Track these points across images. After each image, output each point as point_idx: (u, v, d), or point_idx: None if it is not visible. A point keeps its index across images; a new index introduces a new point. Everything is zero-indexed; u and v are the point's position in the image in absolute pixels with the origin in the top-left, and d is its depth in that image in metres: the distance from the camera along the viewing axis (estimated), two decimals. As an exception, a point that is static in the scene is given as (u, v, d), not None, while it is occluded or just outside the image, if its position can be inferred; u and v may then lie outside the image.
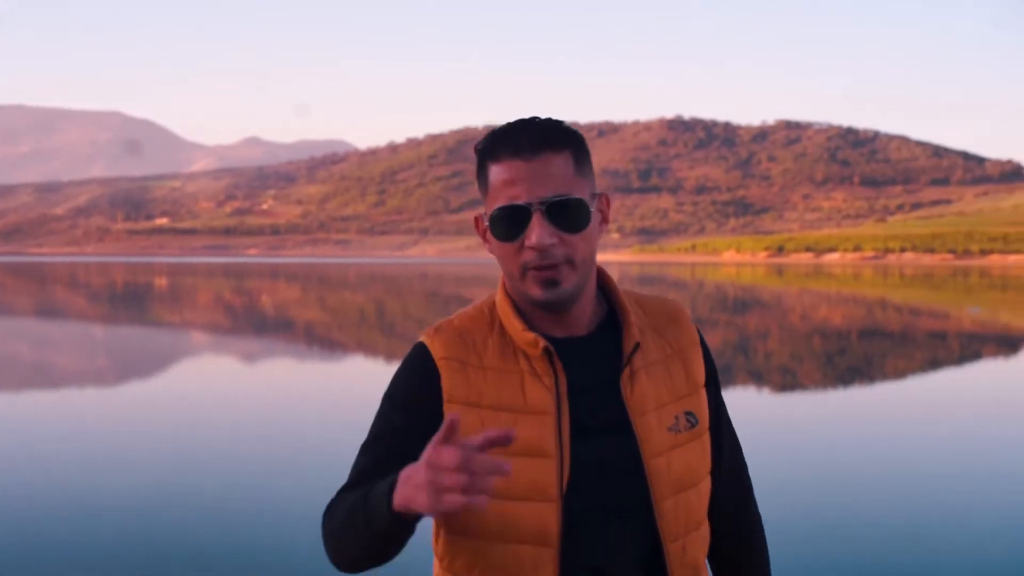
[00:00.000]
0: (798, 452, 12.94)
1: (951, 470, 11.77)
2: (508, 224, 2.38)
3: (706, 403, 2.58)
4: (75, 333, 34.64)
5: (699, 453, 2.52)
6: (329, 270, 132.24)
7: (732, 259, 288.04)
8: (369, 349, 28.86)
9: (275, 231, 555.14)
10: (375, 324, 39.32)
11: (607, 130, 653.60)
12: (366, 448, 2.49)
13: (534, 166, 2.34)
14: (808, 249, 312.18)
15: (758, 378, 21.38)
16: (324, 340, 31.94)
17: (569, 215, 2.36)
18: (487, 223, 2.43)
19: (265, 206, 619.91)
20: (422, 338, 2.54)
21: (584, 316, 2.52)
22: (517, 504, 2.38)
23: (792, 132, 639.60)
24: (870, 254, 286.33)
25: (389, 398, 2.51)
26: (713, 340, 30.50)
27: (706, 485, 2.55)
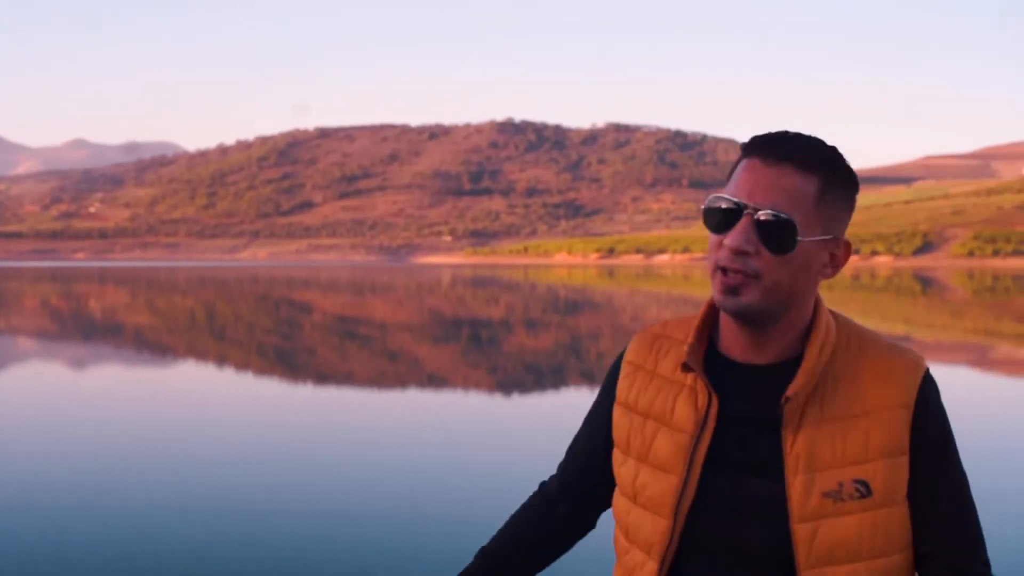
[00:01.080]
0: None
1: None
2: (719, 216, 2.36)
3: (899, 473, 2.34)
4: None
5: (867, 528, 2.32)
6: (158, 274, 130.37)
7: (564, 261, 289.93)
8: (200, 353, 28.48)
9: (103, 235, 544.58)
10: (205, 327, 38.84)
11: (439, 132, 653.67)
12: (572, 444, 2.82)
13: (770, 173, 2.31)
14: (638, 250, 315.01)
15: (590, 379, 21.52)
16: (154, 344, 31.49)
17: (774, 231, 2.28)
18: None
19: (92, 209, 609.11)
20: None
21: (774, 347, 2.44)
22: (642, 513, 2.48)
23: (621, 135, 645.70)
24: (699, 255, 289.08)
25: (599, 392, 2.76)
26: (545, 342, 30.69)
27: (885, 564, 2.33)
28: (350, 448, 12.86)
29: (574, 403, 17.25)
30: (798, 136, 2.35)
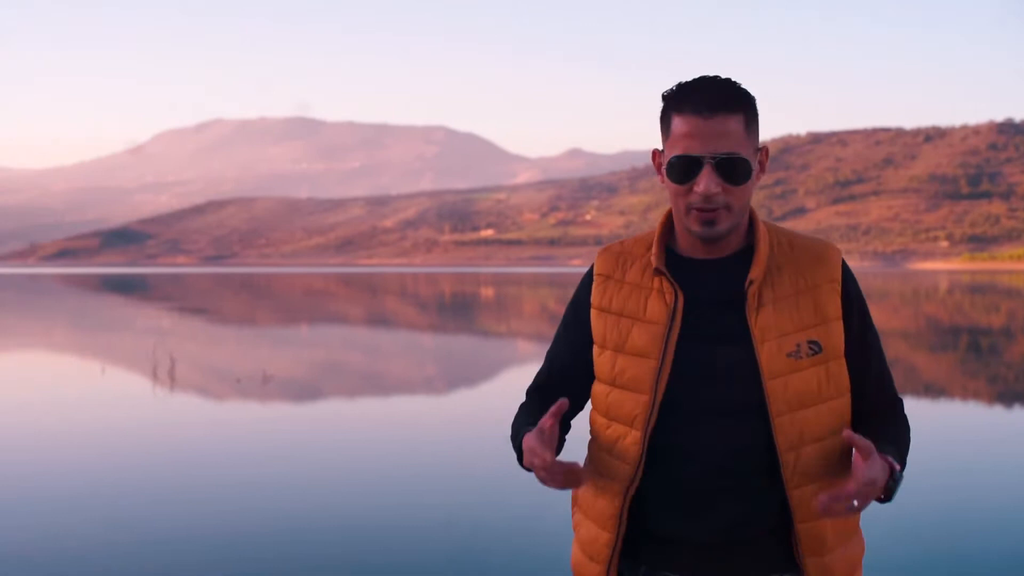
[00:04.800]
0: None
1: None
2: (682, 170, 2.84)
3: (838, 333, 2.93)
4: (405, 341, 35.45)
5: (822, 377, 2.89)
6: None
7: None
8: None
9: (598, 241, 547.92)
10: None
11: (934, 135, 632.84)
12: (549, 354, 3.26)
13: (710, 124, 2.79)
14: None
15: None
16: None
17: (734, 170, 2.82)
18: (664, 164, 2.92)
19: (588, 217, 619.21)
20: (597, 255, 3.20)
21: (727, 245, 2.99)
22: (622, 392, 2.96)
23: None
24: None
25: (566, 309, 3.24)
26: (1050, 351, 29.36)
27: (836, 405, 2.92)
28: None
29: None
30: (715, 82, 2.86)
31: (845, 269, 3.01)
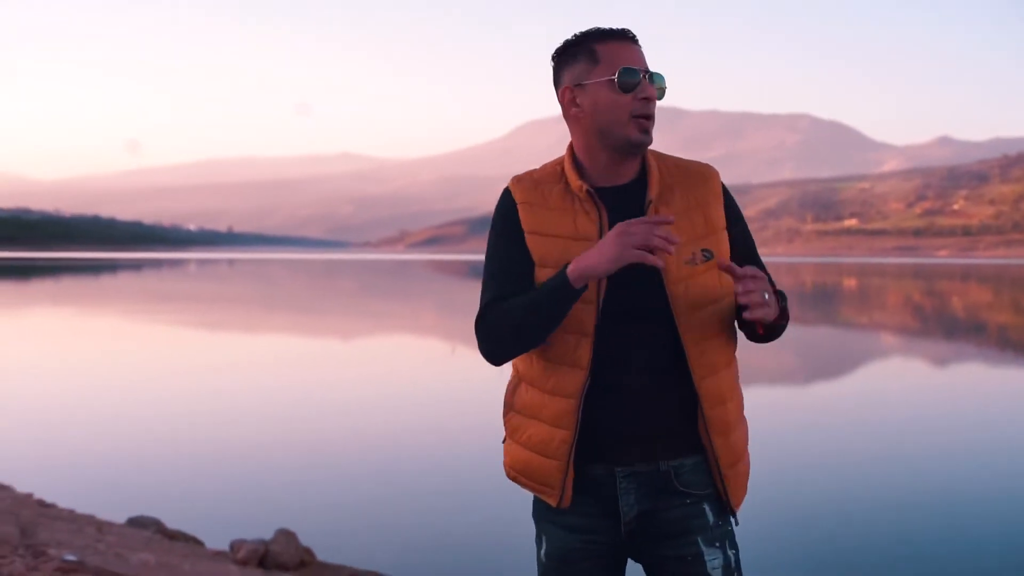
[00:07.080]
0: None
1: None
2: (630, 78, 3.21)
3: (725, 242, 3.33)
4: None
5: (715, 280, 3.27)
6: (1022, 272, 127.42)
7: None
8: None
9: (967, 232, 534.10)
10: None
11: None
12: (494, 274, 3.39)
13: (637, 49, 3.27)
14: None
15: None
16: (1018, 344, 31.05)
17: (659, 85, 3.28)
18: (616, 78, 3.22)
19: (956, 206, 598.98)
20: (508, 185, 3.45)
21: (631, 171, 3.35)
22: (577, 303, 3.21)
23: None
24: None
25: (494, 236, 3.46)
26: None
27: (727, 303, 3.30)
28: None
29: None
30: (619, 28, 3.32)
31: (724, 186, 3.43)
